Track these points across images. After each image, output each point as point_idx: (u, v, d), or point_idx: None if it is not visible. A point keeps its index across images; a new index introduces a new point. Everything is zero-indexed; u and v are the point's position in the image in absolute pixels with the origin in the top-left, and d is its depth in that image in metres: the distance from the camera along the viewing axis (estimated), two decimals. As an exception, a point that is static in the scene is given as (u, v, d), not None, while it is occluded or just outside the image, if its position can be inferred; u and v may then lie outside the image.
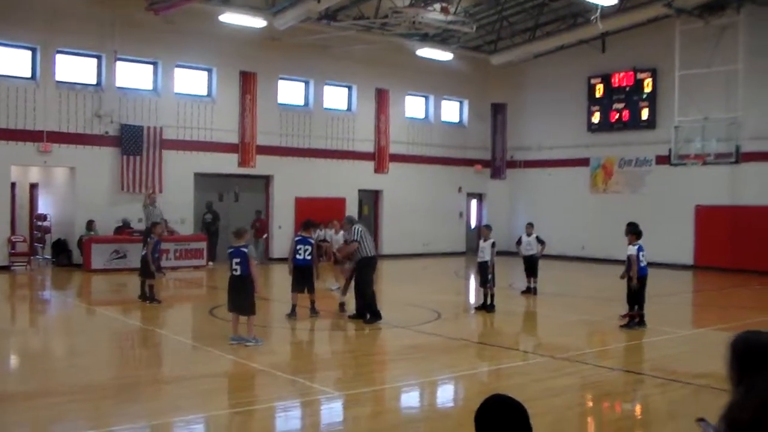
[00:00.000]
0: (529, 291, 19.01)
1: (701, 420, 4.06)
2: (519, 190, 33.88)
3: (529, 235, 19.35)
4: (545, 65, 32.08)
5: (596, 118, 30.85)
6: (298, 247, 14.80)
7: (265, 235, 27.23)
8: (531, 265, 19.14)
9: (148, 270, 16.40)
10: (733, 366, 3.65)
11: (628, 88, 29.80)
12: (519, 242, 19.60)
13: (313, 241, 15.20)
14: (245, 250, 11.92)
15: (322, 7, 24.21)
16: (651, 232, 23.48)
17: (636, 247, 14.15)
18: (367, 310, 14.48)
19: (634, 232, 14.43)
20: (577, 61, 30.90)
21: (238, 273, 11.89)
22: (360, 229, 14.93)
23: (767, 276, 23.93)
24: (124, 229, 24.03)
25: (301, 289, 14.81)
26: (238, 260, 11.86)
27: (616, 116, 30.19)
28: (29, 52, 23.39)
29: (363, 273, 14.75)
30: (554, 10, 28.66)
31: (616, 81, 30.14)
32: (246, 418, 8.38)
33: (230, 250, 12.20)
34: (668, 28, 26.05)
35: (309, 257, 14.78)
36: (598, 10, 24.72)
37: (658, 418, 8.81)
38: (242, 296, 11.91)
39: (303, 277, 14.80)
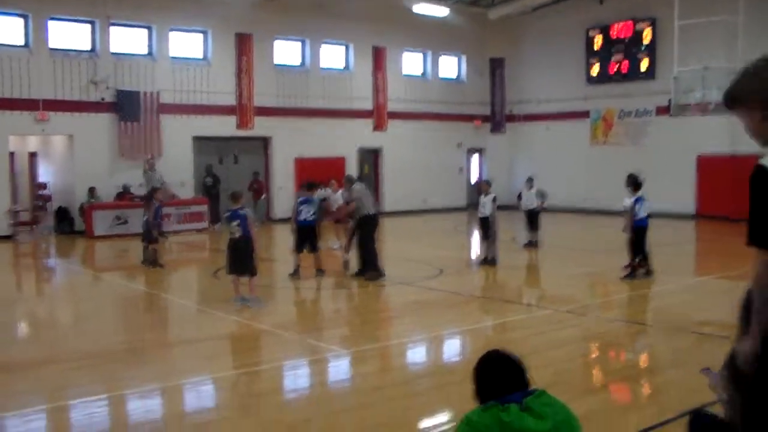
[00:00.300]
0: (531, 244, 19.06)
1: (706, 369, 4.10)
2: (519, 145, 33.80)
3: (529, 189, 19.37)
4: (543, 18, 31.81)
5: (595, 71, 30.65)
6: (300, 207, 14.83)
7: (263, 196, 27.22)
8: (532, 219, 19.17)
9: (150, 235, 16.46)
10: (743, 317, 3.66)
11: (626, 39, 29.54)
12: (520, 197, 19.62)
13: (315, 201, 15.25)
14: (243, 212, 11.96)
15: (316, -36, 23.97)
16: (653, 183, 23.44)
17: (633, 199, 14.12)
18: (370, 268, 14.53)
19: (633, 183, 14.40)
20: (576, 12, 30.63)
21: (237, 235, 11.90)
22: (359, 188, 14.91)
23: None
24: (124, 195, 24.04)
25: (303, 248, 14.87)
26: (236, 223, 11.88)
27: (615, 68, 29.99)
28: (21, 20, 23.18)
29: (364, 231, 14.77)
30: (551, -39, 28.39)
31: (614, 32, 29.88)
32: (253, 378, 8.45)
33: (227, 214, 12.23)
34: (667, -24, 25.77)
35: (312, 217, 14.83)
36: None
37: (662, 367, 8.87)
38: (243, 258, 11.94)
39: (306, 236, 14.86)
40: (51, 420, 7.16)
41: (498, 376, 3.56)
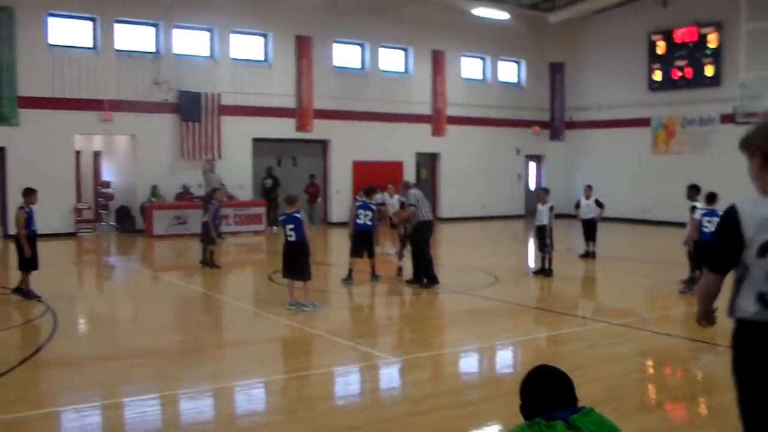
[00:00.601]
0: (588, 255, 18.83)
1: None
2: (578, 152, 33.43)
3: (587, 198, 19.12)
4: (604, 22, 31.43)
5: (657, 76, 30.15)
6: (359, 212, 14.86)
7: (318, 200, 27.36)
8: (590, 229, 18.92)
9: (209, 236, 16.66)
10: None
11: (691, 44, 29.00)
12: (578, 205, 19.38)
13: (374, 207, 15.27)
14: (298, 215, 12.01)
15: (377, -31, 24.05)
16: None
17: (703, 211, 13.73)
18: (425, 275, 14.50)
19: (710, 196, 13.92)
20: (638, 17, 30.19)
21: (293, 239, 11.96)
22: (416, 193, 14.83)
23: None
24: (184, 195, 24.42)
25: (360, 253, 14.90)
26: (291, 226, 11.93)
27: (679, 74, 29.46)
28: (90, 23, 23.75)
29: (420, 237, 14.73)
30: (614, -35, 28.05)
31: (678, 37, 29.35)
32: (303, 383, 8.49)
33: (283, 217, 12.29)
34: (734, -21, 25.28)
35: (370, 222, 14.86)
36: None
37: (721, 387, 8.67)
38: (298, 262, 12.01)
39: (363, 242, 14.89)
40: (105, 416, 7.29)
41: (545, 392, 3.52)
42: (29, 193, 12.86)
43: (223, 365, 9.19)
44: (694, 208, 14.30)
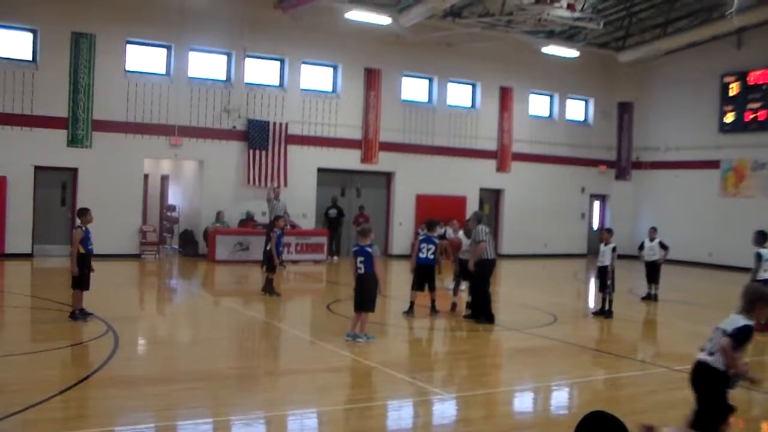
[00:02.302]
0: (650, 297, 18.52)
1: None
2: (644, 192, 32.96)
3: (652, 239, 18.87)
4: (676, 62, 31.07)
5: (729, 118, 29.64)
6: (422, 245, 14.90)
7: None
8: (653, 271, 18.64)
9: (272, 263, 16.79)
10: None
11: (765, 87, 28.49)
12: (641, 247, 19.13)
13: (436, 241, 15.27)
14: (369, 249, 12.08)
15: (448, 4, 24.23)
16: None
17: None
18: (482, 312, 14.42)
19: (765, 238, 14.05)
20: (710, 58, 29.79)
21: (362, 271, 12.06)
22: (486, 230, 14.70)
23: None
24: (247, 222, 24.72)
25: (422, 287, 14.90)
26: (362, 259, 12.05)
27: (752, 116, 28.93)
28: (164, 50, 24.38)
29: (481, 275, 14.66)
30: (686, 4, 27.78)
31: (752, 79, 28.87)
32: (357, 415, 8.50)
33: (355, 249, 12.38)
34: (811, 23, 24.80)
35: (432, 256, 14.87)
36: (735, 4, 23.75)
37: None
38: (364, 293, 12.10)
39: (425, 275, 14.90)
40: (159, 440, 7.40)
41: (599, 439, 3.48)
42: (84, 213, 13.14)
43: (277, 393, 9.26)
44: (759, 255, 14.15)
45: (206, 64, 25.15)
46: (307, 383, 9.72)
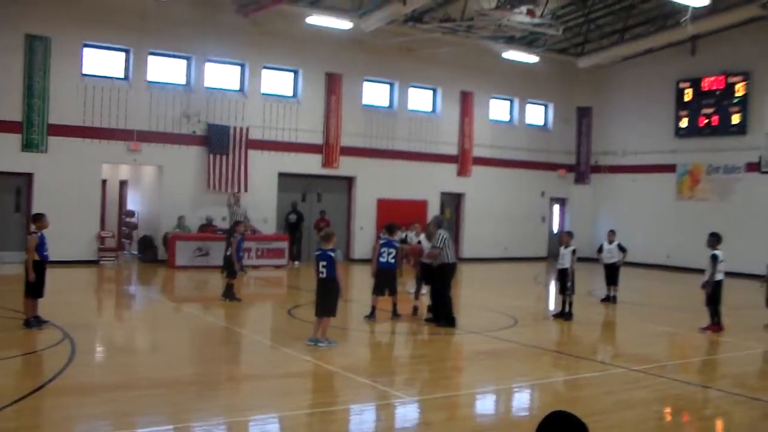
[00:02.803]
0: (609, 299, 18.72)
1: None
2: (603, 196, 33.34)
3: (610, 242, 19.07)
4: (633, 68, 31.50)
5: (684, 123, 30.15)
6: (382, 249, 14.87)
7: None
8: (612, 273, 18.85)
9: (231, 269, 16.69)
10: None
11: (718, 92, 29.04)
12: (600, 250, 19.33)
13: (397, 245, 15.25)
14: (332, 254, 12.00)
15: (408, 9, 24.31)
16: (739, 242, 22.97)
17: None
18: (443, 316, 14.47)
19: (718, 240, 14.65)
20: (666, 64, 30.26)
21: (324, 275, 12.00)
22: (444, 236, 14.75)
23: None
24: (207, 227, 24.56)
25: (382, 291, 14.89)
26: (324, 263, 11.97)
27: (705, 121, 29.46)
28: (123, 54, 24.14)
29: (441, 279, 14.73)
30: (643, 12, 28.16)
31: (706, 85, 29.39)
32: (319, 420, 8.46)
33: (317, 253, 12.31)
34: (762, 30, 25.33)
35: (393, 260, 14.86)
36: (689, 12, 24.13)
37: (737, 436, 8.58)
38: (325, 298, 12.05)
39: (386, 279, 14.88)
40: (117, 447, 7.31)
41: (560, 439, 3.50)
42: (39, 218, 12.89)
43: (238, 399, 9.19)
44: (714, 257, 14.49)
45: (166, 69, 24.95)
46: (269, 388, 9.67)
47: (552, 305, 18.90)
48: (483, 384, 10.46)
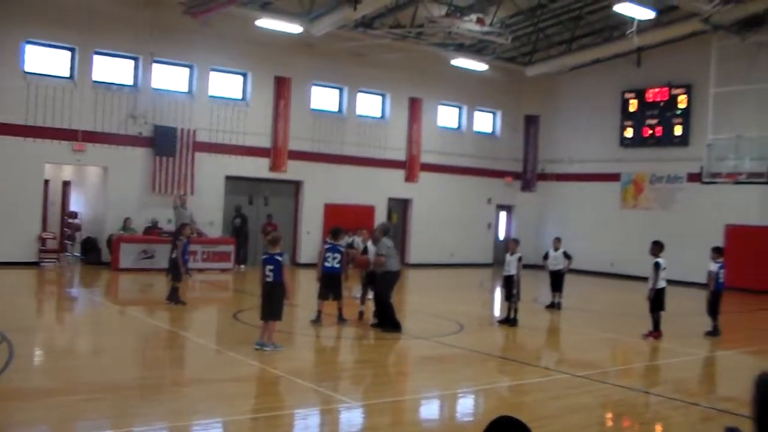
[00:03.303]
0: (554, 306, 18.93)
1: (732, 430, 3.96)
2: (549, 204, 33.72)
3: (556, 249, 19.28)
4: (580, 78, 31.95)
5: (629, 133, 30.66)
6: (327, 254, 14.87)
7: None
8: (557, 280, 19.06)
9: (177, 272, 16.50)
10: (754, 406, 3.62)
11: (662, 104, 29.60)
12: (546, 257, 19.53)
13: (342, 249, 15.23)
14: (279, 258, 11.95)
15: (359, 14, 24.32)
16: (681, 250, 23.42)
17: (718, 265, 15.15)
18: (387, 322, 14.50)
19: (660, 248, 15.05)
20: (612, 74, 30.77)
21: (271, 279, 11.94)
22: (388, 244, 14.84)
23: (798, 299, 23.66)
24: (153, 230, 24.26)
25: (327, 296, 14.87)
26: (271, 267, 11.92)
27: (649, 132, 30.00)
28: (68, 53, 23.74)
29: (383, 286, 14.78)
30: (590, 23, 28.57)
31: (650, 96, 29.95)
32: (262, 424, 8.42)
33: (264, 257, 12.26)
34: (705, 44, 25.83)
35: (338, 265, 14.85)
36: (635, 25, 24.55)
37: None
38: (272, 302, 11.98)
39: (331, 284, 14.88)
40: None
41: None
42: None
43: (182, 403, 9.08)
44: (657, 264, 14.80)
45: (112, 68, 24.59)
46: (213, 393, 9.58)
47: (497, 311, 19.04)
48: (428, 389, 10.50)
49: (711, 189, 26.21)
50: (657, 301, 15.03)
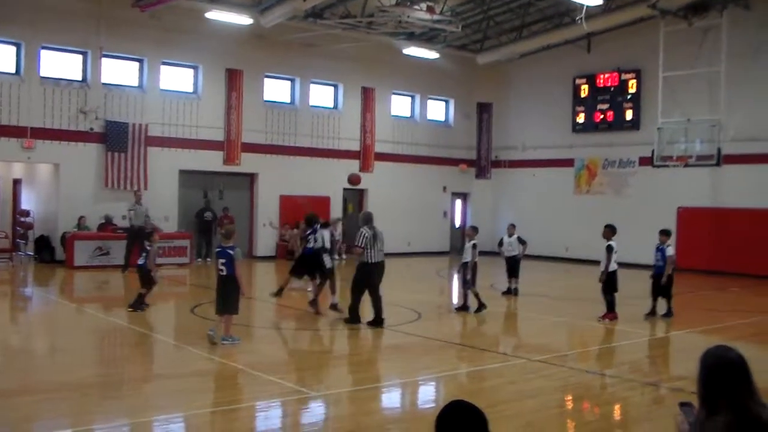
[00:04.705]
0: (510, 292, 19.10)
1: (685, 404, 4.07)
2: (503, 190, 33.99)
3: (510, 235, 19.37)
4: (531, 65, 32.20)
5: (581, 119, 30.97)
6: (309, 237, 15.45)
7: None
8: (512, 266, 19.20)
9: (148, 278, 15.86)
10: (700, 380, 3.75)
11: (612, 89, 29.94)
12: (501, 243, 19.66)
13: (317, 234, 15.57)
14: (231, 251, 11.90)
15: (309, 5, 24.26)
16: (634, 234, 23.77)
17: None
18: (350, 312, 14.38)
19: (613, 232, 15.24)
20: (563, 61, 31.04)
21: (224, 273, 11.91)
22: (366, 234, 14.30)
23: (746, 278, 24.17)
24: (107, 226, 23.99)
25: (302, 274, 15.60)
26: (223, 260, 11.88)
27: (601, 117, 30.33)
28: (14, 48, 23.34)
29: (356, 276, 14.51)
30: (540, 9, 28.78)
31: (600, 81, 30.27)
32: (224, 418, 8.43)
33: (217, 250, 12.27)
34: (653, 29, 26.17)
35: (317, 247, 15.32)
36: (584, 10, 24.80)
37: (635, 420, 8.92)
38: (225, 296, 11.95)
39: (312, 263, 15.43)
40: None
41: (458, 429, 3.57)
42: None
43: (142, 399, 9.06)
44: (609, 247, 15.03)
45: (61, 63, 24.23)
46: (173, 388, 9.56)
47: (455, 299, 19.17)
48: (388, 378, 10.59)
49: (662, 172, 26.63)
50: (610, 284, 15.27)
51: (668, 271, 15.93)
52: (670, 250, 16.25)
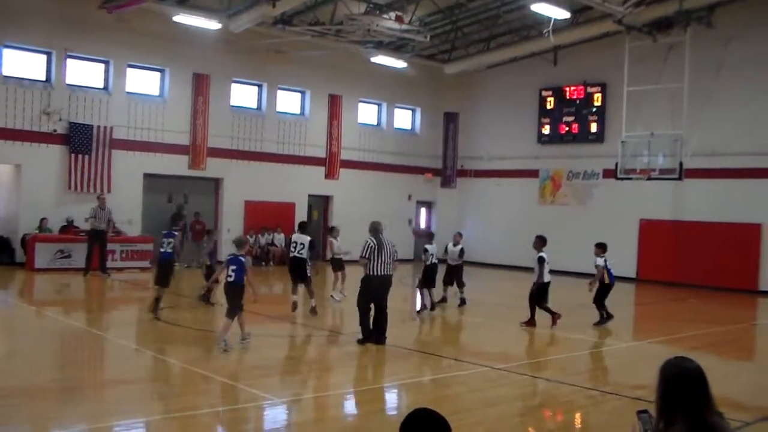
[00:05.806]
0: (445, 300, 18.70)
1: (643, 412, 4.13)
2: (468, 200, 34.14)
3: (455, 244, 18.96)
4: (498, 76, 32.44)
5: (546, 130, 31.25)
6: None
7: (205, 237, 26.91)
8: (453, 275, 18.75)
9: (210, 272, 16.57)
10: (658, 391, 3.82)
11: (578, 101, 30.27)
12: (445, 250, 19.30)
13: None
14: (243, 259, 12.38)
15: (278, 11, 24.25)
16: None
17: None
18: (362, 327, 13.38)
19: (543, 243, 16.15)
20: (530, 73, 31.30)
21: (232, 279, 12.27)
22: (371, 245, 13.74)
23: (706, 290, 24.53)
24: (69, 228, 23.73)
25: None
26: (234, 267, 12.28)
27: (566, 129, 30.63)
28: (-24, 47, 23.04)
29: (360, 289, 13.90)
30: (508, 21, 28.98)
31: (567, 94, 30.58)
32: (185, 424, 8.36)
33: (229, 257, 12.62)
34: (618, 44, 26.46)
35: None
36: (551, 24, 25.04)
37: (595, 429, 9.00)
38: (233, 300, 12.31)
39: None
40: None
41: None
42: None
43: (102, 404, 8.97)
44: (541, 258, 15.22)
45: (24, 63, 23.93)
46: (134, 393, 9.49)
47: (418, 305, 19.15)
48: (352, 384, 10.59)
49: (626, 185, 26.91)
50: (539, 294, 15.44)
51: (595, 282, 16.21)
52: (600, 261, 16.32)
